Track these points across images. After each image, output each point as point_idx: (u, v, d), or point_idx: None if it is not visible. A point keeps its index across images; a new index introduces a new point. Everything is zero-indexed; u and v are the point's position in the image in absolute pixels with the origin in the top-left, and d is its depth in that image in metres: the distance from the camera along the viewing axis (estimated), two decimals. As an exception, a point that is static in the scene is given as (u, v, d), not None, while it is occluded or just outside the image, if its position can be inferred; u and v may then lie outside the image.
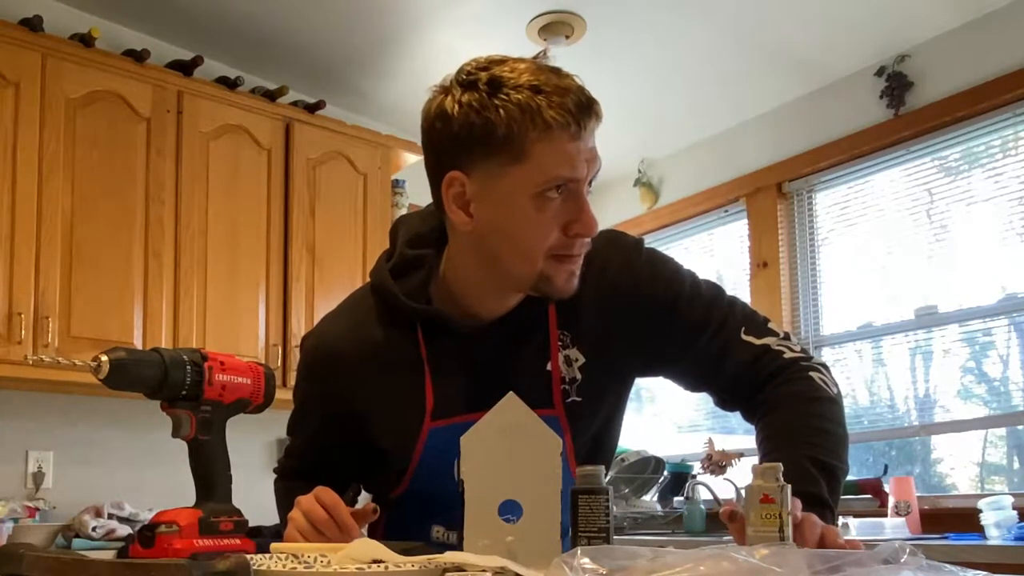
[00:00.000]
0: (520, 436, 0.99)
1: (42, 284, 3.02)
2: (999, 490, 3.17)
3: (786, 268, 3.89)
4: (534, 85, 1.10)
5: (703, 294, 1.29)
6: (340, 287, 3.56)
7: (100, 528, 3.01)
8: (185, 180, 3.37)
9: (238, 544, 1.04)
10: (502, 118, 1.09)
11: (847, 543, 0.99)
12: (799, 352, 1.27)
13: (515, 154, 1.11)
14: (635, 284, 1.27)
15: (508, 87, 1.10)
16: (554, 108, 1.09)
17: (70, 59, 3.16)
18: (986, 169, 3.36)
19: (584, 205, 1.14)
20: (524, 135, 1.09)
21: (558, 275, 1.17)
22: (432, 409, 1.23)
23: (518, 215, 1.14)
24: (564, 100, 1.09)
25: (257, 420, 1.41)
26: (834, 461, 1.16)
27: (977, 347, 3.36)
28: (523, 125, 1.09)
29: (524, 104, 1.09)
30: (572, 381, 1.25)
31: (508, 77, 1.11)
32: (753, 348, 1.26)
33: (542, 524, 0.97)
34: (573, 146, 1.11)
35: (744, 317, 1.28)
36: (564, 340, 1.25)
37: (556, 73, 1.12)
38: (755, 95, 3.91)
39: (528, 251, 1.16)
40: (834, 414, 1.22)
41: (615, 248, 1.29)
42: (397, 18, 3.49)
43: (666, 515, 3.67)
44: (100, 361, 0.98)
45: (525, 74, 1.11)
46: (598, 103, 1.13)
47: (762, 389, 1.25)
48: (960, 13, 3.29)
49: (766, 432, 1.22)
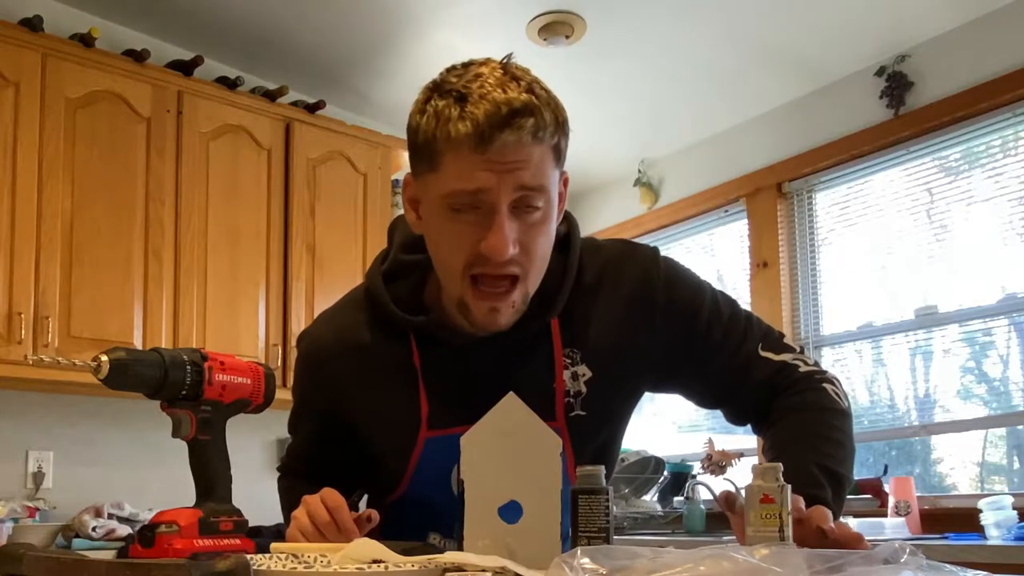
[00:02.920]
0: (520, 436, 0.99)
1: (42, 284, 3.02)
2: (999, 490, 3.17)
3: (786, 268, 3.89)
4: (462, 93, 1.05)
5: (722, 311, 1.26)
6: (340, 287, 3.52)
7: (100, 528, 3.01)
8: (185, 180, 3.37)
9: (238, 544, 1.04)
10: (422, 125, 1.08)
11: (854, 536, 0.98)
12: (813, 366, 1.27)
13: (431, 163, 1.09)
14: (652, 299, 1.23)
15: (440, 91, 1.07)
16: (464, 119, 1.03)
17: (70, 59, 3.16)
18: (986, 169, 3.36)
19: (495, 224, 1.06)
20: (434, 144, 1.07)
21: (477, 307, 1.12)
22: (427, 419, 1.20)
23: (435, 225, 1.12)
24: (476, 111, 1.03)
25: (257, 420, 1.41)
26: (842, 470, 1.15)
27: (977, 347, 3.36)
28: (434, 134, 1.06)
29: (440, 112, 1.06)
30: (577, 395, 1.21)
31: (449, 82, 1.07)
32: (771, 364, 1.24)
33: (542, 524, 0.97)
34: (477, 159, 1.04)
35: (762, 334, 1.27)
36: (573, 358, 1.22)
37: (502, 81, 1.05)
38: (755, 95, 3.91)
39: (446, 264, 1.13)
40: (845, 426, 1.21)
41: (631, 261, 1.25)
42: (397, 18, 3.49)
43: (666, 515, 3.67)
44: (100, 361, 0.98)
45: (466, 79, 1.06)
46: (533, 117, 1.04)
47: (777, 400, 1.24)
48: (960, 13, 3.29)
49: (776, 437, 1.21)
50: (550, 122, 1.06)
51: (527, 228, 1.09)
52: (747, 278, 3.99)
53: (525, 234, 1.09)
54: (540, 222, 1.10)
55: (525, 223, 1.09)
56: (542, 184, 1.08)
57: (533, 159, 1.06)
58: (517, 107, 1.03)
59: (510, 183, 1.05)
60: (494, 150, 1.03)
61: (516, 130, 1.03)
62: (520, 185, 1.06)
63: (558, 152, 1.10)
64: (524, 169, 1.05)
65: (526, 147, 1.05)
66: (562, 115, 1.09)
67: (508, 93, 1.04)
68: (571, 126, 1.13)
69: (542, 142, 1.06)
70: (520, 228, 1.08)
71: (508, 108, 1.03)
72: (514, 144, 1.04)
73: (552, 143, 1.08)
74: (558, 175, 1.13)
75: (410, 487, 1.25)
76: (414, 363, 1.22)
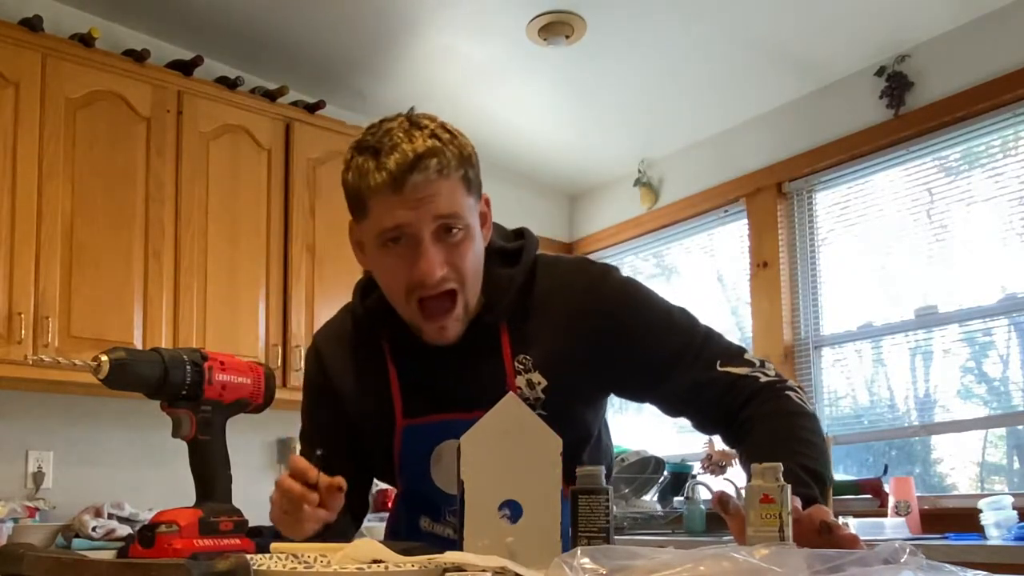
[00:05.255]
0: (520, 436, 0.99)
1: (42, 284, 3.02)
2: (999, 490, 3.17)
3: (786, 268, 3.89)
4: (375, 148, 1.21)
5: (676, 324, 1.33)
6: (340, 287, 3.56)
7: (100, 528, 3.01)
8: (185, 180, 3.37)
9: (238, 544, 1.04)
10: (349, 180, 1.24)
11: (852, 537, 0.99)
12: (774, 377, 1.31)
13: (362, 210, 1.25)
14: (600, 310, 1.31)
15: (359, 149, 1.23)
16: (380, 170, 1.19)
17: (70, 59, 3.16)
18: (986, 169, 3.36)
19: (420, 252, 1.21)
20: (361, 194, 1.23)
21: (427, 328, 1.27)
22: (402, 410, 1.34)
23: (376, 263, 1.28)
24: (388, 161, 1.19)
25: (257, 420, 1.41)
26: (821, 469, 1.19)
27: (977, 347, 3.36)
28: (358, 186, 1.22)
29: (360, 167, 1.22)
30: (537, 401, 1.29)
31: (365, 140, 1.23)
32: (729, 377, 1.30)
33: (542, 524, 0.97)
34: (395, 200, 1.19)
35: (720, 349, 1.32)
36: (525, 364, 1.30)
37: (408, 132, 1.21)
38: (755, 95, 3.91)
39: (392, 294, 1.29)
40: (815, 427, 1.26)
41: (581, 274, 1.35)
42: (397, 18, 3.49)
43: (666, 515, 3.67)
44: (100, 361, 0.98)
45: (379, 135, 1.21)
46: (435, 157, 1.19)
47: (741, 411, 1.28)
48: (960, 13, 3.29)
49: (752, 445, 1.24)
50: (452, 158, 1.21)
51: (451, 248, 1.24)
52: (747, 278, 3.99)
53: (451, 254, 1.24)
54: (462, 241, 1.25)
55: (448, 244, 1.23)
56: (455, 211, 1.22)
57: (443, 192, 1.21)
58: (421, 152, 1.19)
59: (426, 215, 1.20)
60: (408, 190, 1.19)
61: (423, 171, 1.19)
62: (436, 215, 1.21)
63: (467, 181, 1.24)
64: (435, 201, 1.20)
65: (433, 183, 1.20)
66: (466, 150, 1.24)
67: (414, 142, 1.20)
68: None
69: (448, 177, 1.21)
70: (445, 250, 1.23)
71: (414, 154, 1.19)
72: (423, 183, 1.19)
73: (459, 175, 1.23)
74: (474, 199, 1.27)
75: (401, 477, 1.38)
76: (387, 364, 1.36)
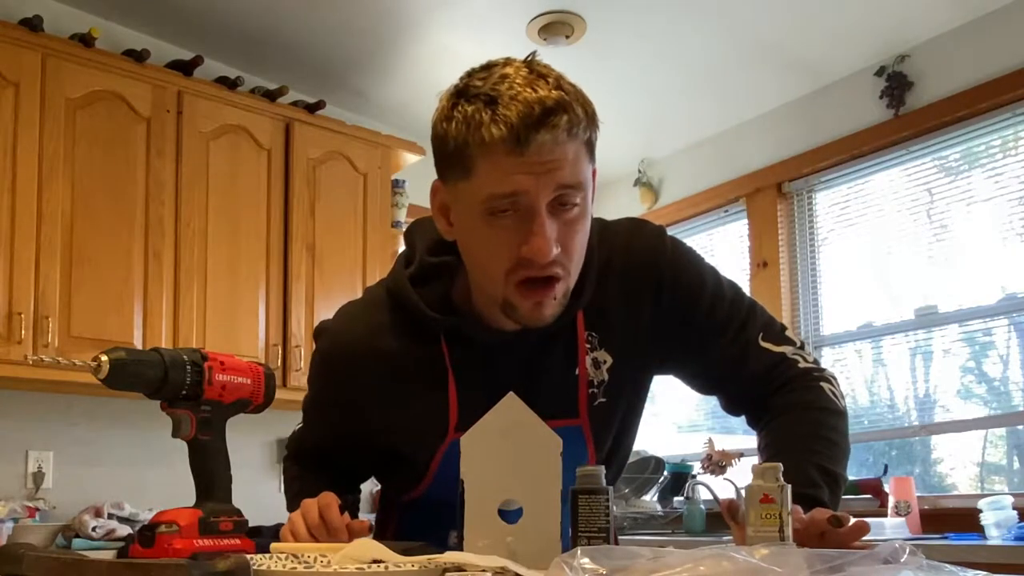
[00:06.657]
0: (520, 436, 0.99)
1: (42, 284, 3.02)
2: (999, 490, 3.17)
3: (786, 268, 3.89)
4: (490, 96, 1.02)
5: (725, 295, 1.26)
6: (340, 287, 3.56)
7: (100, 528, 3.01)
8: (185, 180, 3.37)
9: (238, 544, 1.04)
10: (451, 132, 1.05)
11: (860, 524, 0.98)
12: (812, 363, 1.27)
13: (464, 169, 1.06)
14: (659, 276, 1.23)
15: (467, 96, 1.04)
16: (496, 122, 1.01)
17: (70, 59, 3.16)
18: (986, 169, 3.36)
19: (535, 226, 1.04)
20: (467, 150, 1.04)
21: (522, 304, 1.10)
22: (457, 420, 1.19)
23: (473, 232, 1.10)
24: (509, 113, 1.00)
25: (257, 420, 1.41)
26: (838, 469, 1.16)
27: (977, 347, 3.36)
28: (466, 140, 1.03)
29: (470, 117, 1.03)
30: (600, 384, 1.21)
31: (474, 86, 1.04)
32: (770, 355, 1.24)
33: (542, 524, 0.97)
34: (513, 162, 1.01)
35: (764, 324, 1.26)
36: (592, 342, 1.21)
37: (530, 80, 1.03)
38: (755, 95, 3.91)
39: (486, 270, 1.11)
40: (840, 426, 1.22)
41: (638, 239, 1.25)
42: (397, 18, 3.49)
43: (666, 515, 3.67)
44: (100, 361, 0.98)
45: (492, 81, 1.03)
46: (566, 114, 1.02)
47: (774, 396, 1.24)
48: (960, 13, 3.29)
49: (773, 435, 1.22)
50: (582, 117, 1.04)
51: (565, 226, 1.07)
52: (747, 278, 3.99)
53: (564, 233, 1.07)
54: (577, 218, 1.08)
55: (563, 221, 1.07)
56: (579, 181, 1.06)
57: (569, 156, 1.04)
58: (550, 105, 1.01)
59: (548, 183, 1.03)
60: (531, 151, 1.01)
61: (551, 129, 1.01)
62: (559, 184, 1.04)
63: (591, 146, 1.08)
64: (561, 168, 1.03)
65: (562, 145, 1.02)
66: (591, 108, 1.07)
67: (539, 92, 1.01)
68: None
69: (576, 138, 1.04)
70: (559, 227, 1.06)
71: (541, 107, 1.01)
72: (550, 143, 1.01)
73: (585, 138, 1.06)
74: (591, 169, 1.11)
75: (431, 487, 1.25)
76: (445, 365, 1.20)
